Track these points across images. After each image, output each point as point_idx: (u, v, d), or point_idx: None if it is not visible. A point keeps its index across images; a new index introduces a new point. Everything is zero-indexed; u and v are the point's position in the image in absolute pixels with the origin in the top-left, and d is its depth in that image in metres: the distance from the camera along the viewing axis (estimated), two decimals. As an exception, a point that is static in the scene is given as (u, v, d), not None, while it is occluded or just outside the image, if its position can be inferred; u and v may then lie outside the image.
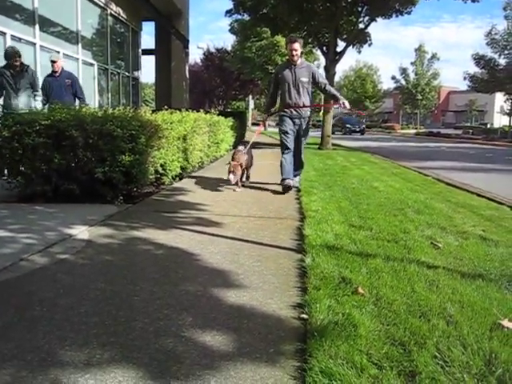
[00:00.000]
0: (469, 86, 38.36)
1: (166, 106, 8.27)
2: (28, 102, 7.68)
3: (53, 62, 8.29)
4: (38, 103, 7.82)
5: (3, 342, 2.17)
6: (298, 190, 6.71)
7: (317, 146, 16.80)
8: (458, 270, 3.25)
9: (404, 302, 2.61)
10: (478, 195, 6.87)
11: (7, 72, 7.49)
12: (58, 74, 8.31)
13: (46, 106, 7.76)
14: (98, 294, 2.76)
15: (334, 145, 17.84)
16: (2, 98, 7.62)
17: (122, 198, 5.55)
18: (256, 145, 18.63)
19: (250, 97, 45.22)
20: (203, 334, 2.28)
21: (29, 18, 10.12)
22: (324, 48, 17.38)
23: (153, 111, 7.32)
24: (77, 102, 8.45)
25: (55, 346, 2.14)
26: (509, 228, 4.70)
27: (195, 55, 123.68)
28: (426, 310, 2.50)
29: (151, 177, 6.18)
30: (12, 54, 7.49)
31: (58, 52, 11.10)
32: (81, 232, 4.15)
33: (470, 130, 40.33)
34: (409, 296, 2.71)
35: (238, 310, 2.55)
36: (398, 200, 6.01)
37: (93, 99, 13.08)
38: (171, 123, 6.74)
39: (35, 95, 7.80)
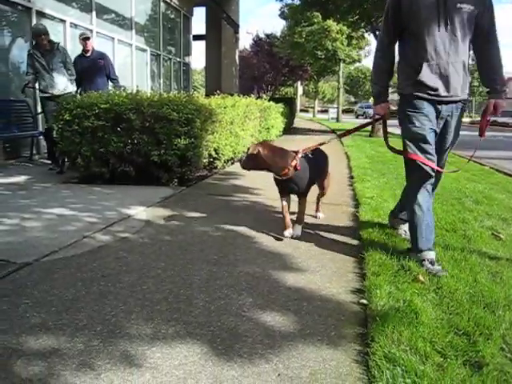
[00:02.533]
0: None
1: (218, 91, 8.33)
2: (65, 83, 6.97)
3: (84, 39, 7.48)
4: (73, 85, 7.16)
5: (74, 312, 2.29)
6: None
7: (368, 134, 16.49)
8: (521, 261, 3.13)
9: (466, 291, 2.55)
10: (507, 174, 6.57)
11: (37, 53, 6.73)
12: (89, 54, 7.53)
13: (79, 90, 7.35)
14: (159, 272, 2.84)
15: (385, 132, 17.42)
16: (37, 81, 6.94)
17: (176, 180, 5.67)
18: (297, 130, 18.53)
19: (299, 83, 44.84)
20: (264, 314, 2.31)
21: (86, 5, 10.38)
22: (376, 32, 16.95)
23: (205, 96, 7.40)
24: (110, 84, 7.78)
25: (122, 319, 2.23)
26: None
27: (244, 40, 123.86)
28: (490, 301, 2.43)
29: (205, 160, 6.27)
30: (38, 32, 6.72)
31: (113, 38, 11.35)
32: (139, 212, 4.28)
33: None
34: (471, 286, 2.64)
35: (297, 293, 2.57)
36: (455, 189, 5.84)
37: (145, 84, 13.32)
38: (225, 108, 6.79)
39: (70, 75, 7.03)
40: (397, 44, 3.15)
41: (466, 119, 46.25)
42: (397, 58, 3.23)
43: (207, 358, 1.92)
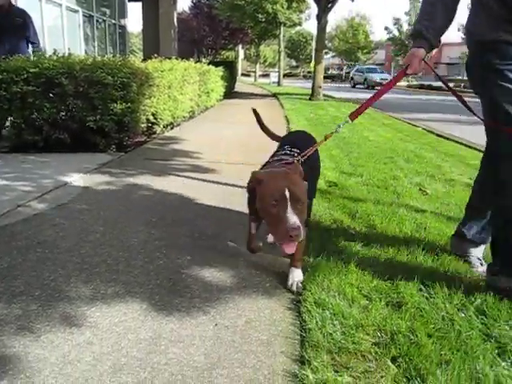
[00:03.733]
0: (462, 38, 37.76)
1: (155, 55, 8.13)
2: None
3: None
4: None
5: (10, 279, 2.27)
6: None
7: (308, 97, 16.68)
8: (444, 214, 3.37)
9: (393, 241, 2.74)
10: (467, 146, 6.97)
11: None
12: (4, 10, 6.32)
13: None
14: (97, 236, 2.84)
15: (325, 96, 17.72)
16: None
17: (114, 146, 5.56)
18: (239, 95, 18.48)
19: (240, 46, 44.28)
20: (202, 270, 2.40)
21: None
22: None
23: (142, 60, 7.22)
24: (30, 48, 6.70)
25: (61, 283, 2.24)
26: (477, 166, 4.82)
27: (183, 3, 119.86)
28: (413, 249, 2.63)
29: (143, 125, 6.17)
30: None
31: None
32: (76, 179, 4.20)
33: (462, 83, 40.04)
34: (398, 237, 2.83)
35: (234, 249, 2.67)
36: (389, 149, 6.10)
37: (78, 48, 12.76)
38: (162, 71, 6.67)
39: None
40: None
41: (402, 83, 47.48)
42: None
43: (146, 314, 1.98)
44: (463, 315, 1.98)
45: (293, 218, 1.81)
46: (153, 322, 1.92)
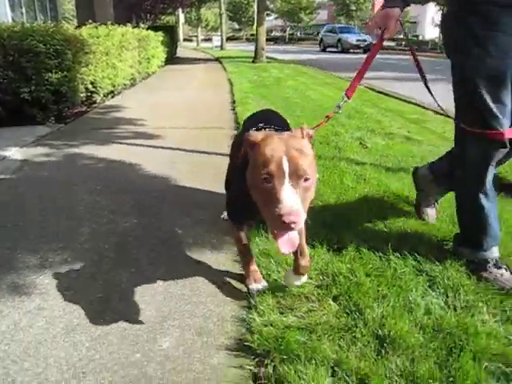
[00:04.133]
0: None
1: (90, 21, 7.81)
2: None
3: None
4: None
5: (-48, 254, 2.23)
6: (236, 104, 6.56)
7: (251, 60, 16.55)
8: (383, 165, 3.53)
9: (334, 192, 2.87)
10: (406, 101, 7.19)
11: None
12: None
13: None
14: (41, 207, 2.80)
15: (268, 58, 17.62)
16: None
17: (53, 118, 5.39)
18: (181, 60, 18.12)
19: (180, 11, 42.94)
20: (149, 230, 2.44)
21: None
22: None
23: (76, 27, 6.93)
24: None
25: (7, 254, 2.22)
26: (431, 129, 5.06)
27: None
28: (353, 198, 2.76)
29: (82, 95, 5.99)
30: None
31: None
32: (14, 153, 4.07)
33: (403, 42, 40.69)
34: (338, 188, 2.96)
35: (181, 209, 2.72)
36: (330, 107, 6.12)
37: (4, 16, 12.02)
38: (98, 38, 6.45)
39: None
40: None
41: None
42: None
43: (96, 277, 2.01)
44: (398, 255, 2.13)
45: (290, 198, 1.28)
46: (103, 284, 1.96)
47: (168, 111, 6.13)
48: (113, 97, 7.31)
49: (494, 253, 2.08)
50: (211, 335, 1.65)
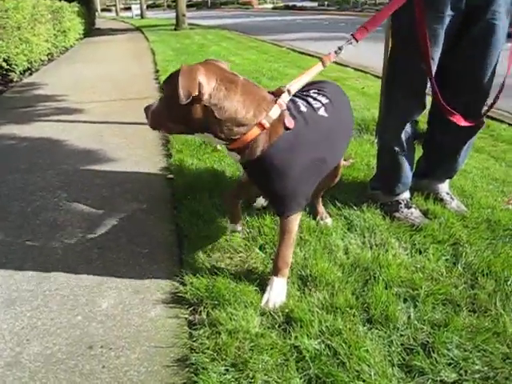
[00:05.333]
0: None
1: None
2: None
3: None
4: None
5: None
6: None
7: (173, 28, 16.20)
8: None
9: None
10: (326, 59, 7.39)
11: None
12: None
13: None
14: (-35, 191, 2.76)
15: (190, 24, 17.29)
16: None
17: (-34, 100, 5.14)
18: (101, 32, 17.42)
19: (94, -22, 40.80)
20: (79, 204, 2.49)
21: None
22: None
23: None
24: None
25: None
26: (351, 86, 5.29)
27: None
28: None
29: (-5, 74, 5.72)
30: None
31: None
32: None
33: (326, 2, 40.96)
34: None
35: (110, 181, 2.77)
36: (254, 70, 6.31)
37: None
38: (6, 11, 6.11)
39: None
40: None
41: (268, 5, 47.38)
42: None
43: (31, 252, 2.05)
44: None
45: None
46: (38, 258, 2.00)
47: (90, 85, 5.97)
48: (30, 74, 7.00)
49: (405, 194, 2.31)
50: (148, 292, 1.76)
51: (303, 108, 1.58)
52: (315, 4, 40.99)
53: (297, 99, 1.61)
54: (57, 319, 1.64)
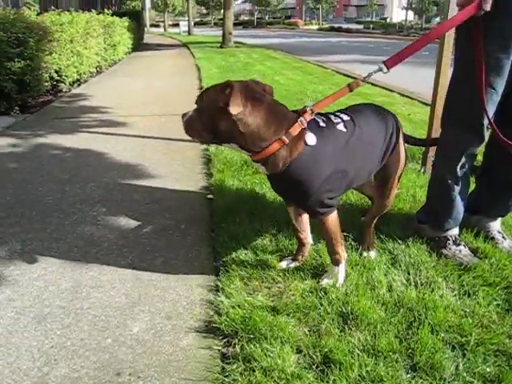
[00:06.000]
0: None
1: (53, 8, 7.63)
2: None
3: None
4: None
5: None
6: None
7: (219, 45, 16.45)
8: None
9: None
10: (373, 84, 7.29)
11: None
12: None
13: None
14: (8, 199, 2.78)
15: (236, 43, 17.54)
16: None
17: (17, 108, 5.28)
18: (148, 46, 17.88)
19: (146, -5, 42.11)
20: (117, 220, 2.46)
21: None
22: None
23: (38, 13, 6.77)
24: None
25: (-27, 247, 2.21)
26: (396, 111, 5.14)
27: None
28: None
29: (47, 84, 5.89)
30: None
31: None
32: (-22, 144, 4.00)
33: (371, 25, 40.97)
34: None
35: (149, 197, 2.74)
36: (299, 91, 6.28)
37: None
38: (61, 25, 6.32)
39: None
40: None
41: (313, 26, 47.73)
42: None
43: (66, 266, 2.03)
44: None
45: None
46: (73, 273, 1.98)
47: (135, 99, 6.07)
48: (79, 85, 7.20)
49: (454, 231, 2.17)
50: (180, 318, 1.69)
51: (322, 124, 1.69)
52: (361, 26, 41.05)
53: (319, 116, 1.73)
54: (86, 340, 1.59)
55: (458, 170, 2.07)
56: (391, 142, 1.92)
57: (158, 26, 58.68)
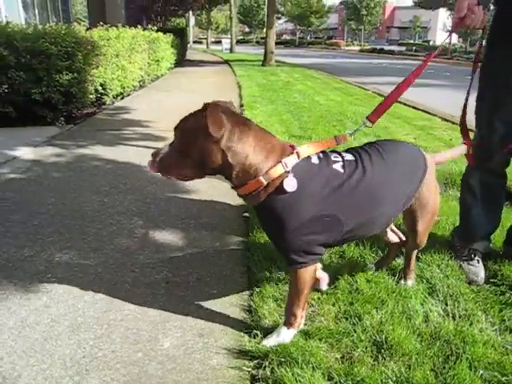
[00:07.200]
0: (414, 2, 38.18)
1: (101, 23, 7.90)
2: None
3: None
4: None
5: (-38, 252, 2.28)
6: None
7: (260, 63, 16.63)
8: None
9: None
10: (414, 108, 7.20)
11: None
12: None
13: None
14: (49, 208, 2.86)
15: (277, 61, 17.69)
16: None
17: (63, 119, 5.46)
18: (191, 63, 18.24)
19: (191, 13, 43.12)
20: (154, 233, 2.49)
21: None
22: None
23: (88, 28, 7.02)
24: None
25: (14, 254, 2.27)
26: (437, 136, 5.07)
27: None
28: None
29: (91, 96, 6.07)
30: None
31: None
32: (25, 153, 4.14)
33: (414, 47, 40.63)
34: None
35: (186, 212, 2.76)
36: (338, 112, 6.25)
37: (17, 16, 12.16)
38: (108, 40, 6.53)
39: None
40: None
41: (355, 47, 47.70)
42: None
43: (101, 277, 2.06)
44: (399, 261, 2.15)
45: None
46: (108, 284, 2.00)
47: (176, 113, 6.11)
48: (122, 98, 7.39)
49: (475, 246, 2.18)
50: (212, 336, 1.68)
51: (314, 160, 1.49)
52: (403, 48, 40.73)
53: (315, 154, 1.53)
54: (118, 352, 1.60)
55: (472, 183, 2.17)
56: (412, 184, 1.68)
57: (200, 42, 59.93)
